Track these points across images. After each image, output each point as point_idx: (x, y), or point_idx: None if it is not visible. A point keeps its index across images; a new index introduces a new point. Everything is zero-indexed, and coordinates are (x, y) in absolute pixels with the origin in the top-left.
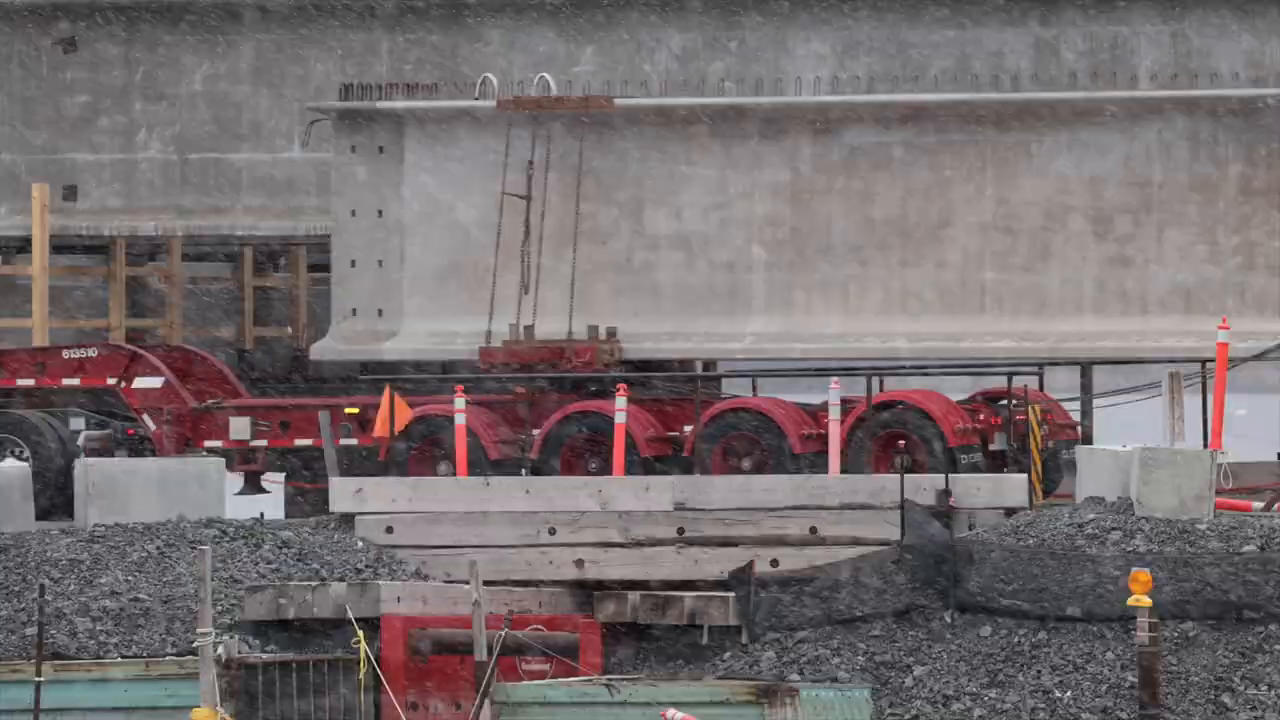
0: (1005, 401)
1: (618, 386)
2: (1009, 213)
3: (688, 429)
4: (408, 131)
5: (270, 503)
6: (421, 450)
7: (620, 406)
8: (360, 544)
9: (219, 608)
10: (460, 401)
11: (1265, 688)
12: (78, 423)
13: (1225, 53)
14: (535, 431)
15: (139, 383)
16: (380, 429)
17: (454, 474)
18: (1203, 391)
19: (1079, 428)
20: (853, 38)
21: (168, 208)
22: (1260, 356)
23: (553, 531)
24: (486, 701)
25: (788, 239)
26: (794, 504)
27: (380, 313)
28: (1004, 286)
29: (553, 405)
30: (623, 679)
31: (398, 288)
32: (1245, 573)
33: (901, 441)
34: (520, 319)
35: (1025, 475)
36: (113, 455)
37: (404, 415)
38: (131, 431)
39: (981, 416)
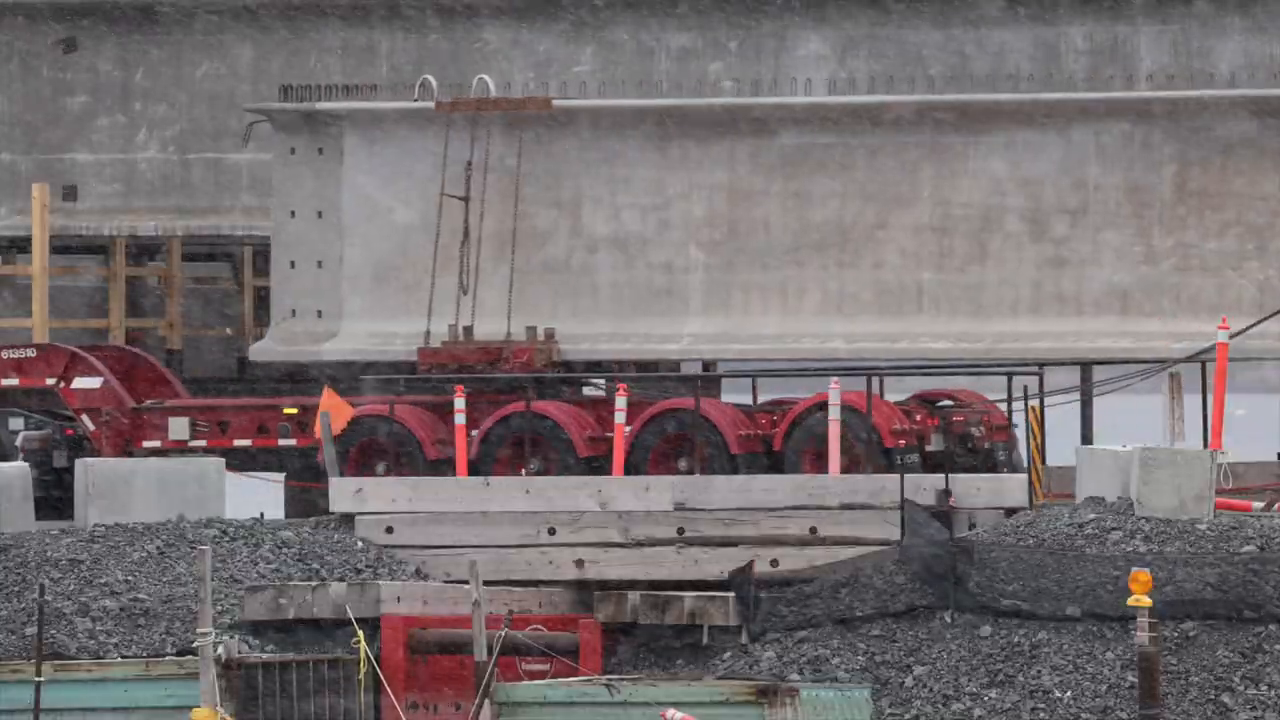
0: (945, 403)
1: (619, 386)
2: (946, 214)
3: (628, 429)
4: (347, 133)
5: (270, 503)
6: (360, 451)
7: (620, 406)
8: (360, 544)
9: (219, 608)
10: (460, 401)
11: (1265, 688)
12: (17, 423)
13: (1226, 52)
14: (474, 432)
15: (78, 383)
16: (320, 430)
17: (390, 475)
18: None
19: (1010, 430)
20: (853, 38)
21: (167, 208)
22: (1195, 358)
23: (553, 531)
24: (486, 701)
25: (725, 240)
26: (794, 504)
27: (319, 314)
28: (941, 287)
29: (492, 406)
30: (623, 679)
31: (337, 289)
32: (1245, 573)
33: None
34: (459, 320)
35: (1025, 475)
36: (52, 456)
37: (343, 415)
38: (70, 431)
39: (918, 417)
